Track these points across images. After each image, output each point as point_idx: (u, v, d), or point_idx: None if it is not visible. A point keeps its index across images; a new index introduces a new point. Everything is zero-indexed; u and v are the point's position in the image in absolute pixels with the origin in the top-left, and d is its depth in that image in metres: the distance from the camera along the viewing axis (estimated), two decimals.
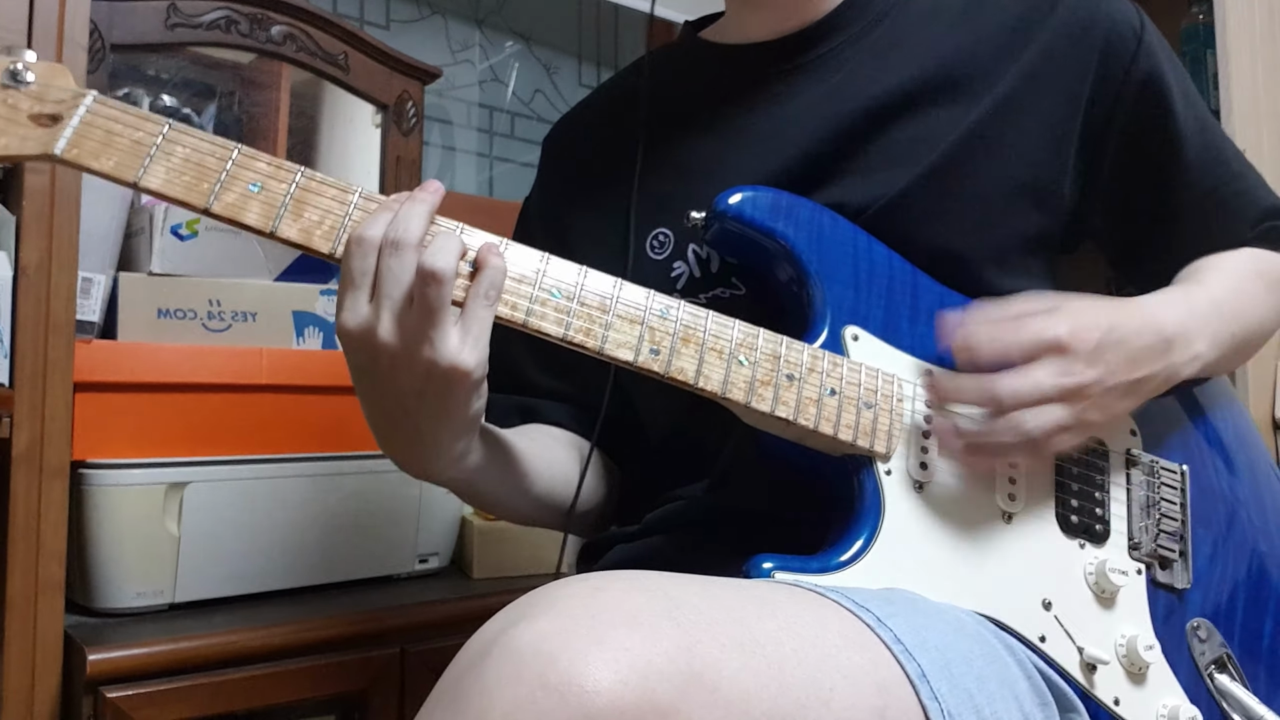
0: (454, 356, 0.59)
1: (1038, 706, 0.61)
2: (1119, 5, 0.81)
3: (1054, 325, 0.67)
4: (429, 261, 0.58)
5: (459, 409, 0.63)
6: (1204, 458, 0.80)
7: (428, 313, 0.58)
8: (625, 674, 0.45)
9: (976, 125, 0.77)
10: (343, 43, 1.45)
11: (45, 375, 0.91)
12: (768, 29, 0.84)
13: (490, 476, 0.74)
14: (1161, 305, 0.74)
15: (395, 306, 0.59)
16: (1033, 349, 0.66)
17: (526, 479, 0.78)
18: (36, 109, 0.60)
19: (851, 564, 0.65)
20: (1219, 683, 0.72)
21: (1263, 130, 1.47)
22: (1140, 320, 0.71)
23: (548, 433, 0.87)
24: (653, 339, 0.65)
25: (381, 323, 0.59)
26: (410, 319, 0.59)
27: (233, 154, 0.61)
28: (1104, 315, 0.69)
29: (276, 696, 0.99)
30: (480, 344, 0.61)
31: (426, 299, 0.58)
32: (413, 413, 0.63)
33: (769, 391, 0.66)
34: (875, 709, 0.52)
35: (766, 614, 0.53)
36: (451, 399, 0.62)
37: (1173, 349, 0.71)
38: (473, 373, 0.60)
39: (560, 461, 0.83)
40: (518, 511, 0.82)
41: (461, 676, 0.47)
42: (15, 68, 0.60)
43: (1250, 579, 0.78)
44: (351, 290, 0.60)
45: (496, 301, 0.62)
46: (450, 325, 0.59)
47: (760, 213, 0.73)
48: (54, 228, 0.92)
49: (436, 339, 0.59)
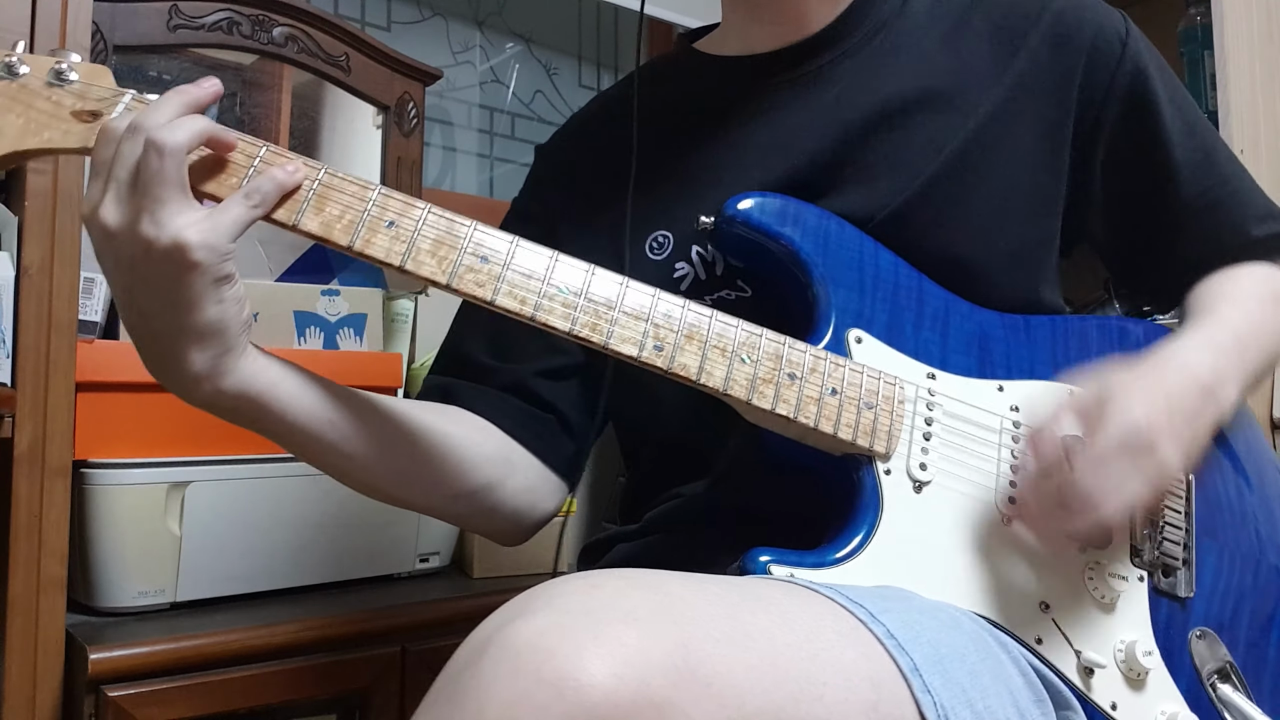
0: (176, 233, 0.57)
1: (1033, 703, 0.61)
2: (1104, 12, 0.83)
3: (1130, 416, 0.65)
4: (155, 134, 0.57)
5: (188, 300, 0.59)
6: (1211, 468, 0.80)
7: (145, 185, 0.57)
8: (621, 669, 0.45)
9: (974, 133, 0.78)
10: (344, 44, 1.46)
11: (47, 375, 0.92)
12: (768, 41, 0.84)
13: (277, 418, 0.67)
14: (1190, 354, 0.73)
15: (120, 186, 0.58)
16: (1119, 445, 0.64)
17: (340, 434, 0.70)
18: (79, 106, 0.63)
19: (848, 560, 0.65)
20: (1221, 693, 0.71)
21: (1261, 131, 1.47)
22: (1178, 376, 0.70)
23: (440, 410, 0.81)
24: (657, 335, 0.66)
25: (105, 202, 0.59)
26: (135, 192, 0.58)
27: (260, 151, 0.63)
28: (1160, 385, 0.68)
29: (277, 695, 0.99)
30: (219, 230, 0.59)
31: (147, 170, 0.57)
32: (143, 305, 0.61)
33: (770, 389, 0.67)
34: (869, 703, 0.52)
35: (761, 610, 0.54)
36: (177, 285, 0.59)
37: (1214, 395, 0.72)
38: (192, 251, 0.58)
39: (417, 430, 0.75)
40: (348, 475, 0.74)
41: (459, 673, 0.48)
42: (60, 67, 0.63)
43: (1257, 590, 0.77)
44: (93, 179, 0.60)
45: (261, 208, 0.61)
46: (179, 203, 0.58)
47: (768, 217, 0.74)
48: (56, 228, 0.92)
49: (159, 213, 0.57)
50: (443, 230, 0.64)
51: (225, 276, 0.60)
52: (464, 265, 0.64)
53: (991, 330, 0.77)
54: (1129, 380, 0.68)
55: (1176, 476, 0.67)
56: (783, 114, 0.81)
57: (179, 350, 0.61)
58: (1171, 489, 0.76)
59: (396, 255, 0.63)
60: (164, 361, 0.63)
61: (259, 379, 0.65)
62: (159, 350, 0.62)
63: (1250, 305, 0.80)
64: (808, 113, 0.80)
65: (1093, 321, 0.81)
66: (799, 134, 0.80)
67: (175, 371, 0.62)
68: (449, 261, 0.64)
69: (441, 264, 0.64)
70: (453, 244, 0.64)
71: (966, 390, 0.73)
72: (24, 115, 0.62)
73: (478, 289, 0.64)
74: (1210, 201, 0.84)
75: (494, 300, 0.64)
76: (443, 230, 0.64)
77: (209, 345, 0.62)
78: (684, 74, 0.90)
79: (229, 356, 0.63)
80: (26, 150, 0.62)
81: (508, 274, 0.64)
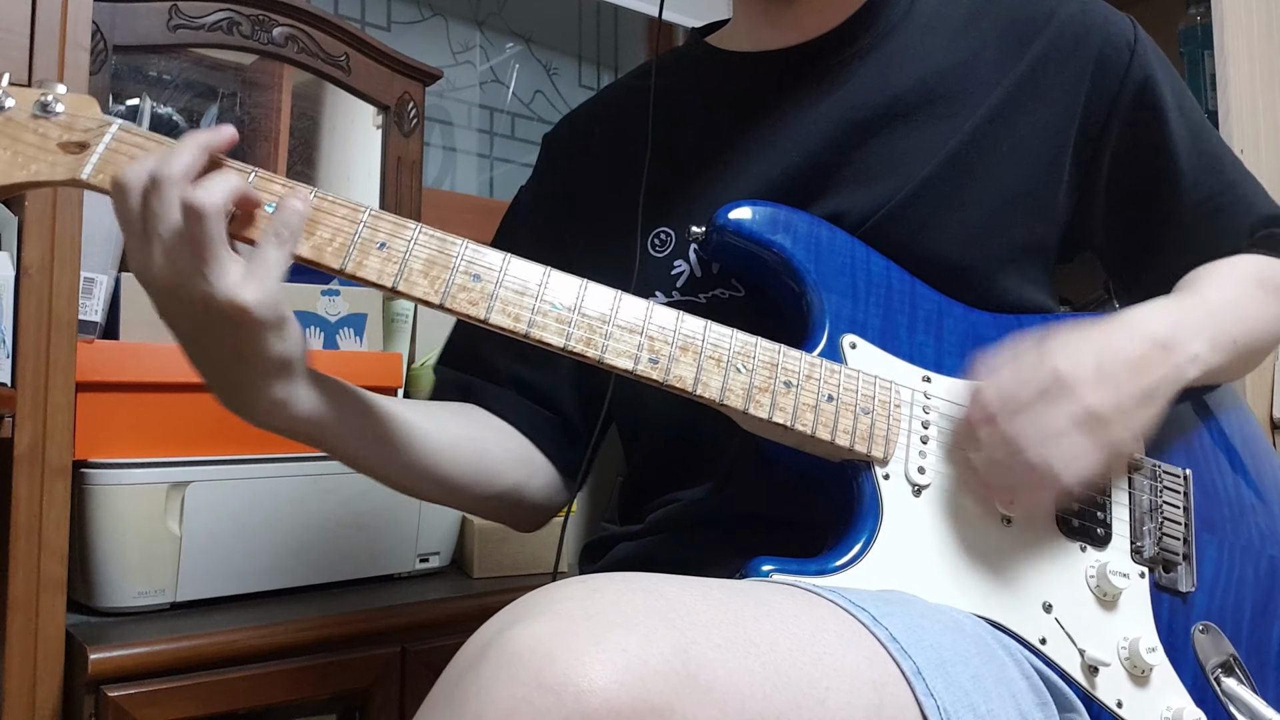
0: (231, 292, 0.59)
1: (1036, 706, 0.61)
2: (1114, 17, 0.83)
3: (1048, 360, 0.67)
4: (190, 196, 0.58)
5: (253, 349, 0.62)
6: (1209, 462, 0.80)
7: (196, 248, 0.58)
8: (621, 674, 0.45)
9: (973, 136, 0.78)
10: (344, 44, 1.46)
11: (47, 375, 0.91)
12: (779, 39, 0.84)
13: (341, 435, 0.71)
14: (1149, 313, 0.75)
15: (165, 244, 0.59)
16: (1036, 391, 0.66)
17: (394, 446, 0.74)
18: (65, 137, 0.63)
19: (849, 566, 0.65)
20: (1226, 686, 0.72)
21: (1260, 131, 1.47)
22: (1129, 331, 0.71)
23: (466, 411, 0.86)
24: (652, 348, 0.66)
25: (154, 261, 0.60)
26: (184, 255, 0.59)
27: (249, 176, 0.63)
28: (1094, 338, 0.69)
29: (277, 695, 0.99)
30: (267, 283, 0.60)
31: (192, 234, 0.58)
32: (211, 354, 0.63)
33: (767, 398, 0.67)
34: (871, 706, 0.52)
35: (763, 614, 0.54)
36: (241, 338, 0.61)
37: (1171, 351, 0.72)
38: (252, 309, 0.59)
39: (457, 437, 0.80)
40: (393, 480, 0.78)
41: (459, 678, 0.48)
42: (46, 99, 0.63)
43: (1259, 583, 0.78)
44: (128, 234, 0.61)
45: (291, 242, 0.62)
46: (228, 261, 0.59)
47: (759, 226, 0.74)
48: (56, 228, 0.92)
49: (211, 275, 0.59)
50: (435, 250, 0.64)
51: (281, 319, 0.62)
52: (456, 284, 0.64)
53: (985, 331, 0.77)
54: (1071, 333, 0.69)
55: (1110, 421, 0.67)
56: (786, 113, 0.81)
57: (250, 388, 0.64)
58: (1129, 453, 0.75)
59: (389, 277, 0.63)
60: (237, 398, 0.66)
61: (325, 406, 0.69)
62: (229, 389, 0.65)
63: (1232, 282, 0.80)
64: (812, 112, 0.80)
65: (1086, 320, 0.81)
66: (800, 134, 0.80)
67: (249, 405, 0.66)
68: (441, 281, 0.64)
69: (434, 284, 0.64)
70: (445, 263, 0.64)
71: (962, 392, 0.73)
72: (10, 148, 0.62)
73: (471, 308, 0.64)
74: (1213, 209, 0.84)
75: (488, 319, 0.64)
76: (435, 250, 0.64)
77: (276, 380, 0.64)
78: (694, 69, 0.90)
79: (297, 385, 0.66)
80: (14, 184, 0.62)
81: (500, 291, 0.64)
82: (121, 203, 0.60)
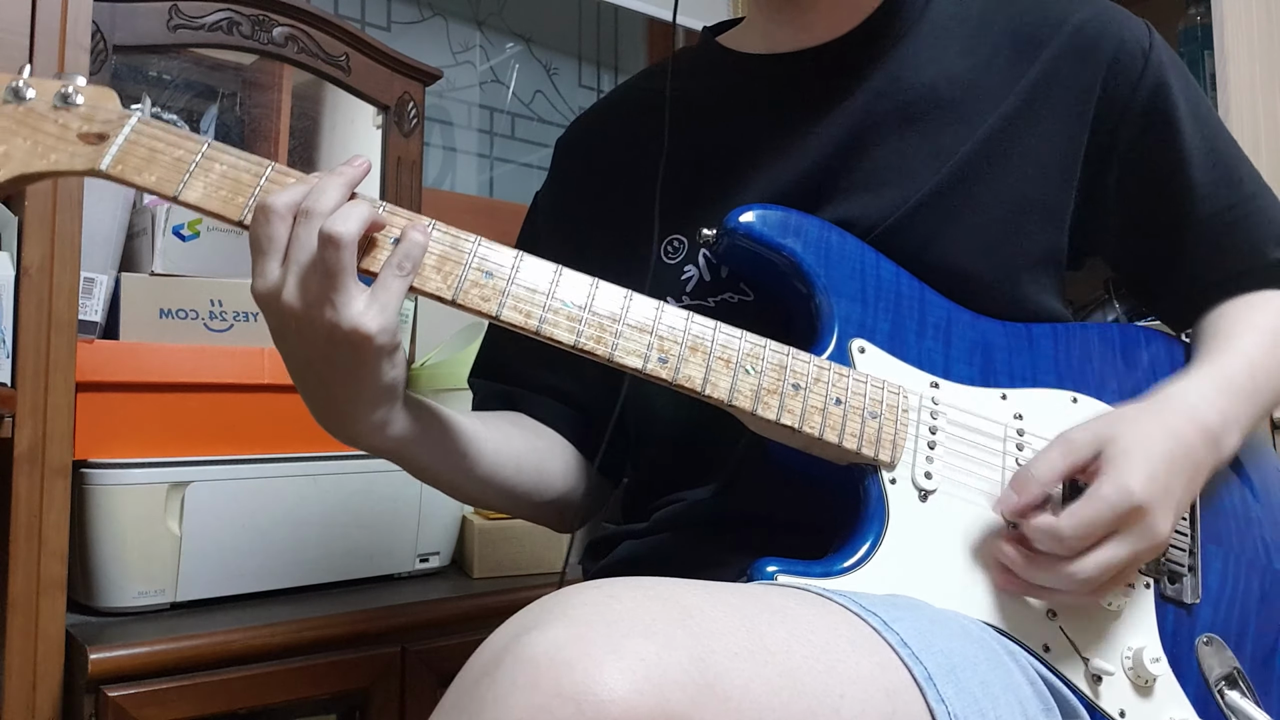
0: (356, 320, 0.61)
1: (1042, 712, 0.61)
2: (1129, 23, 0.81)
3: (1124, 484, 0.64)
4: (329, 226, 0.60)
5: (368, 375, 0.64)
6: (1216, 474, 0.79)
7: (327, 276, 0.60)
8: (640, 683, 0.45)
9: (984, 142, 0.77)
10: (344, 44, 1.45)
11: (47, 375, 0.91)
12: (794, 41, 0.84)
13: (423, 451, 0.74)
14: (1200, 397, 0.72)
15: (300, 271, 0.61)
16: (1113, 521, 0.64)
17: (468, 460, 0.77)
18: (85, 128, 0.64)
19: (855, 570, 0.65)
20: (1229, 699, 0.71)
21: (1261, 131, 1.47)
22: (1189, 426, 0.69)
23: (519, 421, 0.88)
24: (661, 348, 0.66)
25: (287, 286, 0.62)
26: (314, 282, 0.61)
27: (266, 170, 0.64)
28: (1158, 440, 0.67)
29: (278, 695, 0.99)
30: (388, 311, 0.62)
31: (326, 262, 0.60)
32: (325, 377, 0.65)
33: (775, 400, 0.67)
34: (885, 713, 0.52)
35: (778, 621, 0.54)
36: (359, 364, 0.63)
37: (1219, 443, 0.71)
38: (375, 338, 0.62)
39: (521, 450, 0.83)
40: (460, 490, 0.81)
41: (475, 684, 0.47)
42: (66, 91, 0.64)
43: (1264, 596, 0.77)
44: (261, 256, 0.63)
45: (412, 274, 0.63)
46: (354, 290, 0.61)
47: (770, 230, 0.74)
48: (56, 228, 0.92)
49: (338, 302, 0.61)
50: (447, 246, 0.65)
51: (396, 345, 0.64)
52: (469, 280, 0.64)
53: (994, 339, 0.77)
54: (1130, 437, 0.67)
55: (1162, 545, 0.67)
56: (799, 117, 0.81)
57: (356, 408, 0.67)
58: None
59: None
60: (340, 420, 0.68)
61: (415, 425, 0.71)
62: (336, 411, 0.68)
63: (1267, 341, 0.78)
64: (825, 117, 0.80)
65: (1095, 329, 0.81)
66: (813, 139, 0.80)
67: (349, 426, 0.68)
68: (454, 277, 0.64)
69: (447, 280, 0.64)
70: (457, 259, 0.65)
71: (970, 399, 0.73)
72: (31, 138, 0.63)
73: (483, 304, 0.64)
74: (1229, 221, 0.82)
75: (499, 315, 0.64)
76: (447, 246, 0.65)
77: (383, 403, 0.67)
78: (706, 70, 0.90)
79: (397, 408, 0.69)
80: (34, 173, 0.63)
81: (512, 289, 0.65)
82: (263, 228, 0.62)
